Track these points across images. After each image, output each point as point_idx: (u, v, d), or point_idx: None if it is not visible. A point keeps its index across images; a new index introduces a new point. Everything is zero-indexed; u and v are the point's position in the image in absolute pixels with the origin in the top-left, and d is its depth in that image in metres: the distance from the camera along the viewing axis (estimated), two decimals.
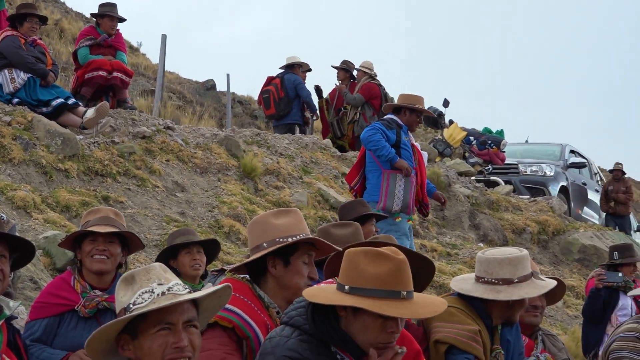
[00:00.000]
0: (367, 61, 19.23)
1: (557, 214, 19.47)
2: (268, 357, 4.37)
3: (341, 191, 15.74)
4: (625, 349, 6.64)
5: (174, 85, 29.40)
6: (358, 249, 4.54)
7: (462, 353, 5.65)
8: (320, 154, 17.22)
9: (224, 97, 26.57)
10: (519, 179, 22.64)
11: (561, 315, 14.28)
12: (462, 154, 22.57)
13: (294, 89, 18.74)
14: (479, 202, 18.71)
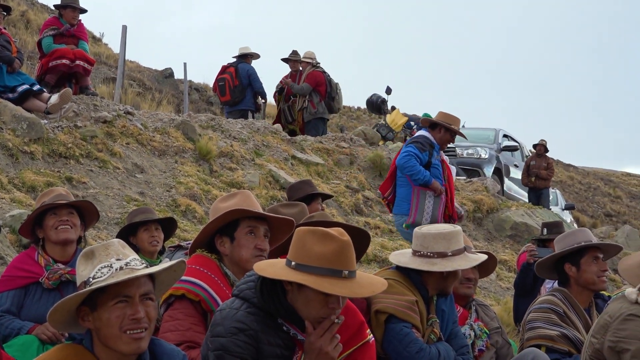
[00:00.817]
0: (309, 51, 19.54)
1: (491, 194, 19.56)
2: (218, 328, 4.38)
3: (291, 172, 15.76)
4: (539, 319, 6.74)
5: (134, 73, 29.30)
6: (307, 228, 4.55)
7: (401, 322, 5.70)
8: (271, 138, 17.20)
9: (181, 84, 26.55)
10: (456, 161, 22.72)
11: (494, 287, 14.35)
12: (403, 138, 22.62)
13: (247, 78, 18.93)
14: None
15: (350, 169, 17.96)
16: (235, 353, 4.29)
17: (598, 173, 65.48)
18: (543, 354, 6.46)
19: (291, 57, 19.74)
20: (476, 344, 6.61)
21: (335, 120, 39.01)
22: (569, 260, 6.89)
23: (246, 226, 5.35)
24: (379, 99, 22.69)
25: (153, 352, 4.05)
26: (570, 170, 59.60)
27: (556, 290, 6.99)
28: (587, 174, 61.74)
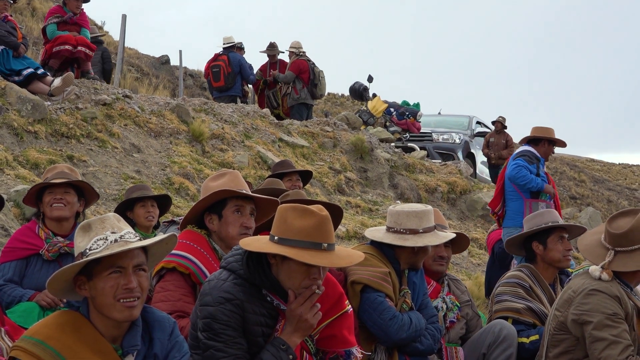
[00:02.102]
0: (296, 41, 19.70)
1: (464, 176, 19.61)
2: (206, 298, 4.37)
3: (278, 154, 15.75)
4: (507, 293, 6.79)
5: (133, 59, 29.21)
6: (288, 205, 4.55)
7: (375, 292, 5.76)
8: (260, 121, 17.18)
9: (177, 70, 26.46)
10: (432, 145, 22.80)
11: (466, 264, 14.39)
12: (383, 123, 22.67)
13: (238, 66, 19.09)
14: (398, 165, 18.78)
15: (334, 151, 17.95)
16: (222, 321, 4.28)
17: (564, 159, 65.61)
18: (509, 325, 6.53)
19: (269, 50, 20.05)
20: (448, 315, 6.62)
21: (320, 106, 38.95)
22: (536, 239, 6.93)
23: (233, 205, 5.39)
24: (361, 87, 22.71)
25: (145, 319, 4.06)
26: None
27: (523, 266, 7.03)
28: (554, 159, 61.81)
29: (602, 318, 5.49)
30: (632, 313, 5.59)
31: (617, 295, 5.56)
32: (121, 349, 3.91)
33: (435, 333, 6.03)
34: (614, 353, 5.39)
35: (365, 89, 22.73)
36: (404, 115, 22.76)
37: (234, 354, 4.27)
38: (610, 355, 5.39)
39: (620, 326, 5.48)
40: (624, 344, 5.42)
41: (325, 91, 20.69)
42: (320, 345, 4.63)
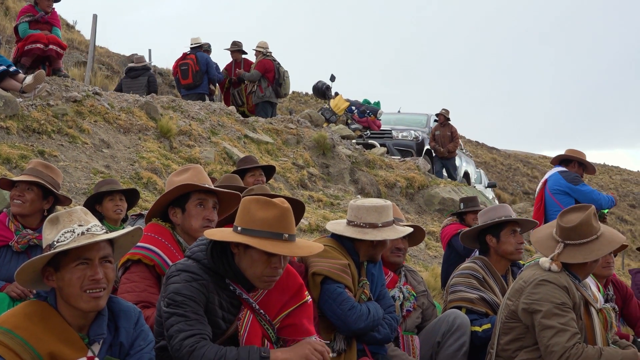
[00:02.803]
0: (262, 41, 19.87)
1: (422, 172, 19.67)
2: (173, 278, 4.39)
3: (243, 150, 15.72)
4: (461, 283, 6.83)
5: (104, 58, 29.00)
6: (252, 197, 4.58)
7: (335, 283, 5.76)
8: (226, 118, 17.16)
9: None
10: (392, 142, 22.81)
11: (423, 256, 14.44)
12: (345, 121, 22.63)
13: (205, 65, 19.16)
14: (358, 161, 18.81)
15: (297, 147, 17.96)
16: (187, 295, 4.29)
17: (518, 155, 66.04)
18: (463, 315, 6.56)
19: (232, 48, 20.19)
20: (404, 305, 6.64)
21: (285, 104, 38.99)
22: (490, 232, 6.97)
23: (196, 199, 5.39)
24: (324, 86, 22.68)
25: (111, 309, 4.05)
26: (494, 153, 60.07)
27: (477, 258, 7.07)
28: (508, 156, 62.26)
29: (551, 307, 5.54)
30: (579, 303, 5.65)
31: (565, 285, 5.61)
32: (87, 337, 3.90)
33: (392, 322, 6.04)
34: (561, 340, 5.44)
35: (328, 88, 22.72)
36: (364, 114, 22.76)
37: (194, 319, 4.27)
38: (558, 343, 5.44)
39: (568, 315, 5.53)
40: (571, 331, 5.46)
41: (290, 90, 20.76)
42: (281, 334, 4.64)
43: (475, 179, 26.21)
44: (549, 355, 5.50)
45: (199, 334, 4.25)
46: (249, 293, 4.52)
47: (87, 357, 3.82)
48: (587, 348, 5.46)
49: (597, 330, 5.72)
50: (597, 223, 5.82)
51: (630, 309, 7.73)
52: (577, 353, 5.40)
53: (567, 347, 5.42)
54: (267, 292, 4.58)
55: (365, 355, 5.86)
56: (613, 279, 7.71)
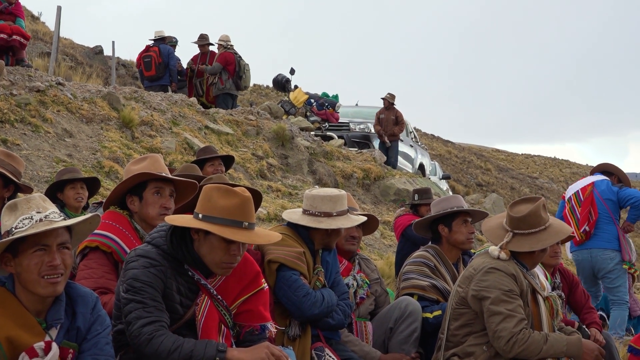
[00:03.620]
0: (224, 35, 19.90)
1: (378, 164, 19.75)
2: (132, 264, 4.37)
3: (204, 140, 15.68)
4: (413, 271, 6.86)
5: (68, 49, 28.79)
6: (213, 185, 4.59)
7: (290, 270, 5.76)
8: (187, 110, 17.11)
9: (110, 60, 26.17)
10: (349, 134, 22.83)
11: (379, 245, 14.50)
12: (304, 113, 22.65)
13: (167, 57, 19.07)
14: (317, 152, 18.83)
15: (257, 139, 17.95)
16: (145, 281, 4.28)
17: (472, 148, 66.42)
18: (415, 302, 6.58)
19: (199, 42, 20.06)
20: (358, 292, 6.64)
21: (246, 97, 38.87)
22: (442, 222, 7.00)
23: (153, 187, 5.36)
24: (284, 79, 22.69)
25: (69, 295, 4.02)
26: (449, 146, 60.30)
27: (429, 247, 7.10)
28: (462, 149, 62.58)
29: (499, 294, 5.60)
30: (526, 290, 5.71)
31: (513, 273, 5.68)
32: (45, 322, 3.87)
33: (346, 309, 6.04)
34: (509, 326, 5.50)
35: (288, 81, 22.73)
36: (323, 106, 22.79)
37: (152, 306, 4.25)
38: (506, 328, 5.50)
39: (515, 302, 5.59)
40: (518, 317, 5.53)
41: (250, 83, 20.72)
42: (237, 320, 4.63)
43: (430, 171, 26.31)
44: (496, 340, 5.56)
45: (157, 321, 4.23)
46: (207, 279, 4.51)
47: (44, 341, 3.79)
48: (534, 333, 5.52)
49: (544, 317, 5.78)
50: (545, 214, 5.88)
51: (576, 297, 7.80)
52: (523, 338, 5.47)
53: (514, 332, 5.49)
54: (224, 278, 4.57)
55: (319, 341, 5.87)
56: (560, 268, 7.78)
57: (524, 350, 5.49)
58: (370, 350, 6.38)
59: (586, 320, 7.52)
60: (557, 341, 5.54)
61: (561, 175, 66.59)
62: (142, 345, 4.19)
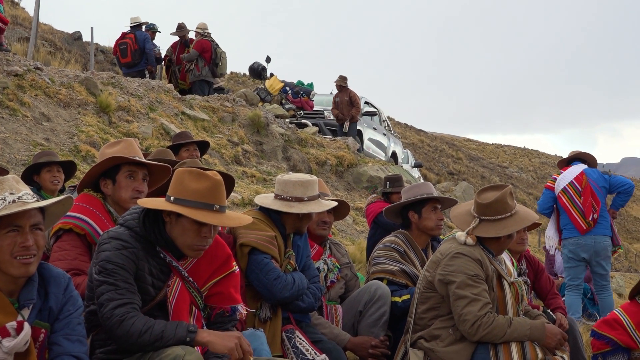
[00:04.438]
0: (202, 23, 19.93)
1: (351, 151, 19.76)
2: (104, 246, 4.34)
3: (180, 126, 15.62)
4: (383, 256, 6.89)
5: (47, 34, 28.55)
6: (185, 168, 4.57)
7: (262, 254, 5.75)
8: (164, 96, 17.04)
9: (89, 46, 25.98)
10: (324, 122, 22.82)
11: (351, 230, 14.52)
12: (279, 101, 22.60)
13: (143, 42, 18.98)
14: (291, 139, 18.83)
15: (232, 125, 17.91)
16: (117, 263, 4.25)
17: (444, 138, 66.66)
18: (384, 286, 6.61)
19: (178, 32, 20.02)
20: (328, 276, 6.65)
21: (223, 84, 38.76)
22: (412, 208, 7.03)
23: (126, 171, 5.35)
24: (260, 67, 22.65)
25: (42, 275, 3.99)
26: (421, 135, 60.51)
27: (399, 232, 7.12)
28: (435, 138, 62.79)
29: (465, 278, 5.64)
30: (492, 276, 5.74)
31: (479, 258, 5.71)
32: (17, 302, 3.83)
33: (316, 292, 6.05)
34: (474, 309, 5.54)
35: (264, 69, 22.68)
36: (298, 94, 22.76)
37: (124, 288, 4.23)
38: (471, 312, 5.54)
39: (481, 286, 5.63)
40: (483, 301, 5.57)
41: (227, 70, 20.70)
42: (208, 302, 4.62)
43: (403, 159, 26.36)
44: (462, 323, 5.60)
45: (129, 303, 4.21)
46: (179, 261, 4.49)
47: (16, 321, 3.76)
48: (498, 317, 5.56)
49: (509, 301, 5.81)
50: (512, 202, 5.90)
51: (541, 283, 7.84)
52: (488, 321, 5.51)
53: (479, 316, 5.53)
54: (196, 261, 4.55)
55: (290, 323, 5.87)
56: (526, 255, 7.82)
57: (488, 334, 5.52)
58: (339, 332, 6.39)
59: (551, 305, 7.57)
60: (521, 325, 5.58)
61: (530, 164, 67.01)
62: (113, 327, 4.17)
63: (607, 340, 6.34)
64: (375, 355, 6.38)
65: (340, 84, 21.80)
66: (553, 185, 10.78)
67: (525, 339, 5.52)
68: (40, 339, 3.86)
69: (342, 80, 21.84)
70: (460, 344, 5.67)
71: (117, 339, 4.21)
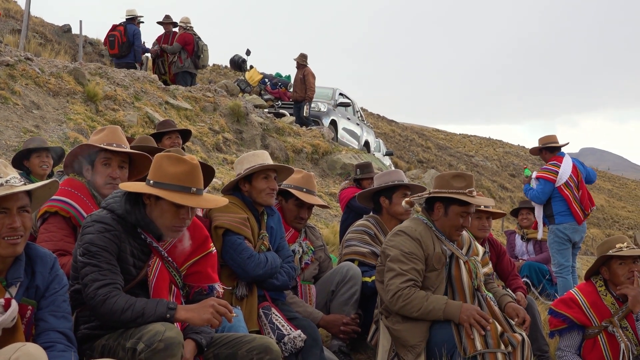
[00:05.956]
0: (185, 17, 19.84)
1: (326, 140, 19.76)
2: (88, 229, 4.33)
3: (164, 115, 15.56)
4: (355, 239, 6.95)
5: (38, 27, 28.32)
6: (164, 153, 4.58)
7: (235, 235, 5.78)
8: (149, 86, 16.95)
9: (78, 38, 25.81)
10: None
11: (325, 214, 14.53)
12: (258, 92, 22.56)
13: (132, 36, 18.85)
14: (269, 128, 18.79)
15: (214, 114, 17.86)
16: (100, 245, 4.25)
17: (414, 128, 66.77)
18: (355, 267, 6.65)
19: (164, 21, 19.89)
20: (303, 258, 6.67)
21: (206, 75, 38.66)
22: (383, 194, 7.09)
23: (102, 158, 5.34)
24: (240, 59, 22.58)
25: (29, 255, 3.98)
26: (393, 125, 60.59)
27: (370, 216, 7.18)
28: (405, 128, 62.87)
29: (398, 253, 5.73)
30: (434, 255, 5.79)
31: (418, 238, 5.79)
32: (5, 280, 3.82)
33: (290, 271, 6.07)
34: (397, 282, 5.64)
35: (244, 61, 22.62)
36: (276, 86, 22.73)
37: (107, 269, 4.23)
38: (394, 284, 5.65)
39: (411, 264, 5.70)
40: (408, 276, 5.65)
41: (208, 62, 20.61)
42: (187, 281, 4.62)
43: (375, 148, 26.36)
44: (386, 293, 5.71)
45: (112, 283, 4.21)
46: (159, 242, 4.49)
47: (4, 298, 3.73)
48: (418, 292, 5.62)
49: (464, 278, 5.84)
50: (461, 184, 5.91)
51: (503, 265, 7.89)
52: (408, 294, 5.58)
53: (400, 288, 5.61)
54: (175, 241, 4.54)
55: (265, 301, 5.90)
56: (489, 238, 7.87)
57: (406, 305, 5.59)
58: (313, 311, 6.42)
59: (512, 285, 7.62)
60: (438, 300, 5.59)
61: (495, 154, 67.27)
62: (97, 306, 4.17)
63: (564, 318, 6.39)
64: (346, 332, 6.43)
65: (299, 61, 21.10)
66: (551, 177, 10.66)
67: (439, 313, 5.54)
68: (27, 315, 3.85)
69: (301, 58, 21.14)
70: (412, 322, 5.68)
71: (101, 317, 4.21)
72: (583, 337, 6.38)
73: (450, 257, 5.88)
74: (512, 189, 52.04)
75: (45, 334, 3.85)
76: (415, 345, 5.64)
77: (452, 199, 5.87)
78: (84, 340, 4.25)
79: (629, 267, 6.24)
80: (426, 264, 5.77)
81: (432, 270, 5.78)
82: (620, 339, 6.19)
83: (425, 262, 5.77)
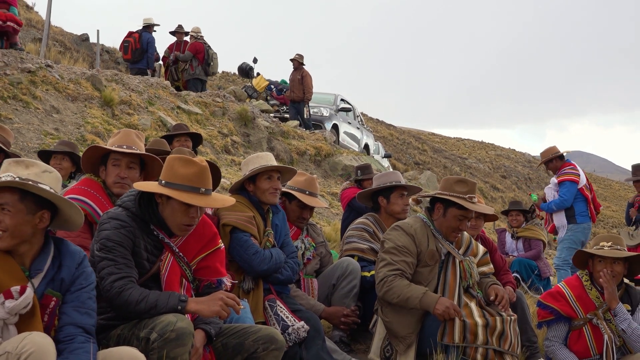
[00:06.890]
0: (196, 27, 19.91)
1: (328, 142, 19.76)
2: (104, 226, 4.36)
3: (176, 119, 15.57)
4: (355, 235, 6.98)
5: (58, 36, 28.37)
6: (175, 155, 4.60)
7: (242, 232, 5.79)
8: (162, 91, 16.96)
9: (95, 47, 25.84)
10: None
11: (327, 213, 14.53)
12: (265, 97, 22.58)
13: (146, 44, 18.89)
14: (275, 131, 18.79)
15: (223, 118, 17.86)
16: (116, 241, 4.27)
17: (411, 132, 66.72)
18: (355, 262, 6.68)
19: (177, 30, 19.87)
20: (305, 254, 6.69)
21: (215, 82, 38.65)
22: (382, 194, 7.13)
23: (112, 159, 5.36)
24: (248, 67, 22.62)
25: (59, 249, 3.96)
26: (391, 129, 60.51)
27: (369, 215, 7.20)
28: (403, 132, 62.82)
29: (391, 246, 5.82)
30: (427, 252, 5.85)
31: (412, 234, 5.85)
32: (28, 271, 3.81)
33: (294, 266, 6.08)
34: (385, 270, 5.76)
35: (251, 69, 22.64)
36: (282, 92, 22.74)
37: (122, 263, 4.25)
38: (382, 271, 5.78)
39: (402, 256, 5.78)
40: (396, 266, 5.74)
41: (218, 69, 20.63)
42: (197, 275, 4.63)
43: (374, 150, 26.36)
44: (375, 280, 5.85)
45: (127, 276, 4.23)
46: (171, 238, 4.51)
47: (20, 285, 3.70)
48: (401, 280, 5.69)
49: (457, 275, 5.87)
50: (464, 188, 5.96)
51: (494, 261, 7.84)
52: (392, 281, 5.67)
53: (387, 275, 5.71)
54: (186, 238, 4.56)
55: (271, 294, 5.91)
56: (481, 235, 7.87)
57: (389, 290, 5.68)
58: (315, 303, 6.44)
59: (502, 280, 7.61)
60: (417, 290, 5.64)
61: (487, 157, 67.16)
62: (113, 298, 4.19)
63: (551, 310, 6.40)
64: (347, 323, 6.45)
65: (298, 60, 20.91)
66: (575, 178, 10.67)
67: (416, 301, 5.58)
68: (51, 306, 3.83)
69: (300, 58, 20.95)
70: (403, 314, 5.71)
71: (116, 308, 4.23)
72: (569, 329, 6.39)
73: (447, 256, 5.91)
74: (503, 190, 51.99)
75: (66, 328, 3.83)
76: (406, 337, 5.68)
77: (451, 202, 5.90)
78: (100, 330, 4.25)
79: (605, 266, 6.26)
80: (419, 259, 5.83)
81: (425, 266, 5.82)
82: (604, 330, 6.21)
83: (418, 257, 5.82)
